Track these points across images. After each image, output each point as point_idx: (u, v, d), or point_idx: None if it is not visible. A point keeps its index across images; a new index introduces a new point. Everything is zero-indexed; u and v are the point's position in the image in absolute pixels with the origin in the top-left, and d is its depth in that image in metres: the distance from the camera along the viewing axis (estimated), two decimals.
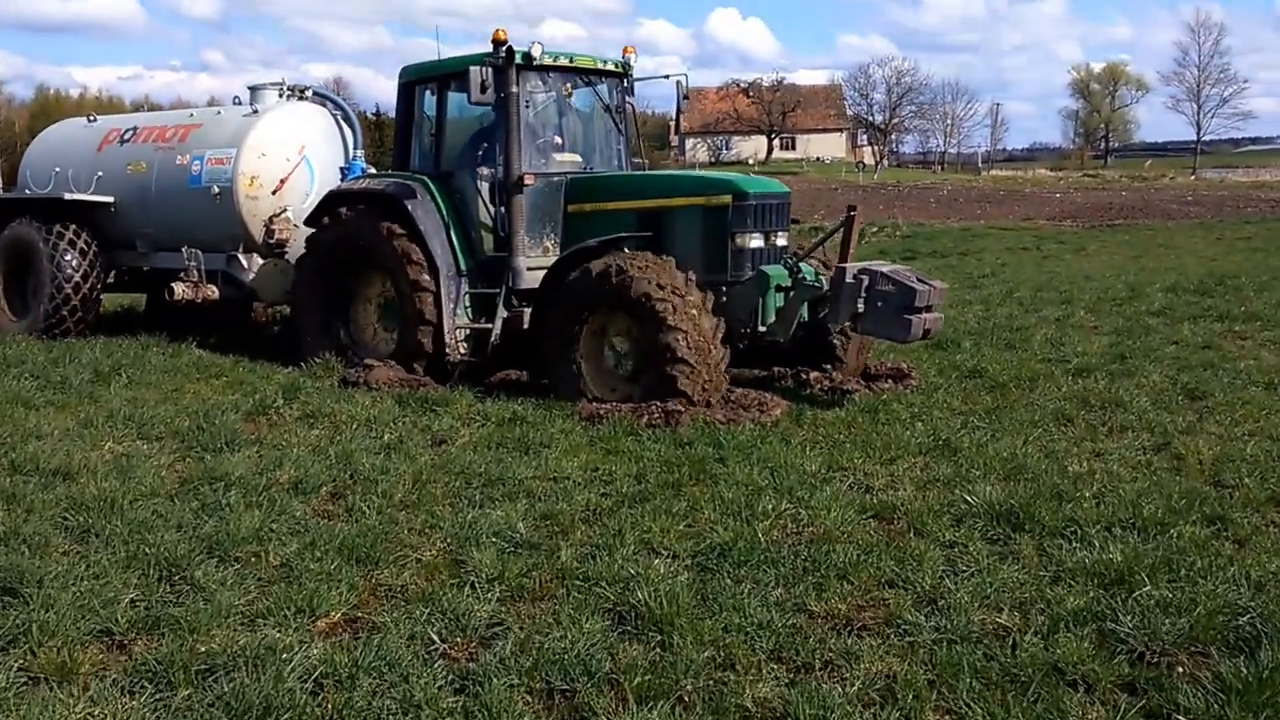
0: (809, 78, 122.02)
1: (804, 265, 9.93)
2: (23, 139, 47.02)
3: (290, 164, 13.30)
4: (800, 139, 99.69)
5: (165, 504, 6.86)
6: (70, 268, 13.74)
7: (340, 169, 13.46)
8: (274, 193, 13.14)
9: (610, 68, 11.57)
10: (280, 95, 14.08)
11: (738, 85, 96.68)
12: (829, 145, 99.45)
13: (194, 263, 13.24)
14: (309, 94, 14.43)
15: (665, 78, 12.32)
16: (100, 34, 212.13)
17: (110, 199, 14.03)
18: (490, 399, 9.80)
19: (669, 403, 9.02)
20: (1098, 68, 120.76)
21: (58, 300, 13.70)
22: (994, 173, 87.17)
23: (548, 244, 10.89)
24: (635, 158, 12.22)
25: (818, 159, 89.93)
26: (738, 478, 7.24)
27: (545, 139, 11.49)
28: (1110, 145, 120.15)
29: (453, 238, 10.87)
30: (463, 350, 10.74)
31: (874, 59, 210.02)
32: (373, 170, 13.48)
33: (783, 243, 10.31)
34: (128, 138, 14.40)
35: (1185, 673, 4.46)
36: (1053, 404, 9.37)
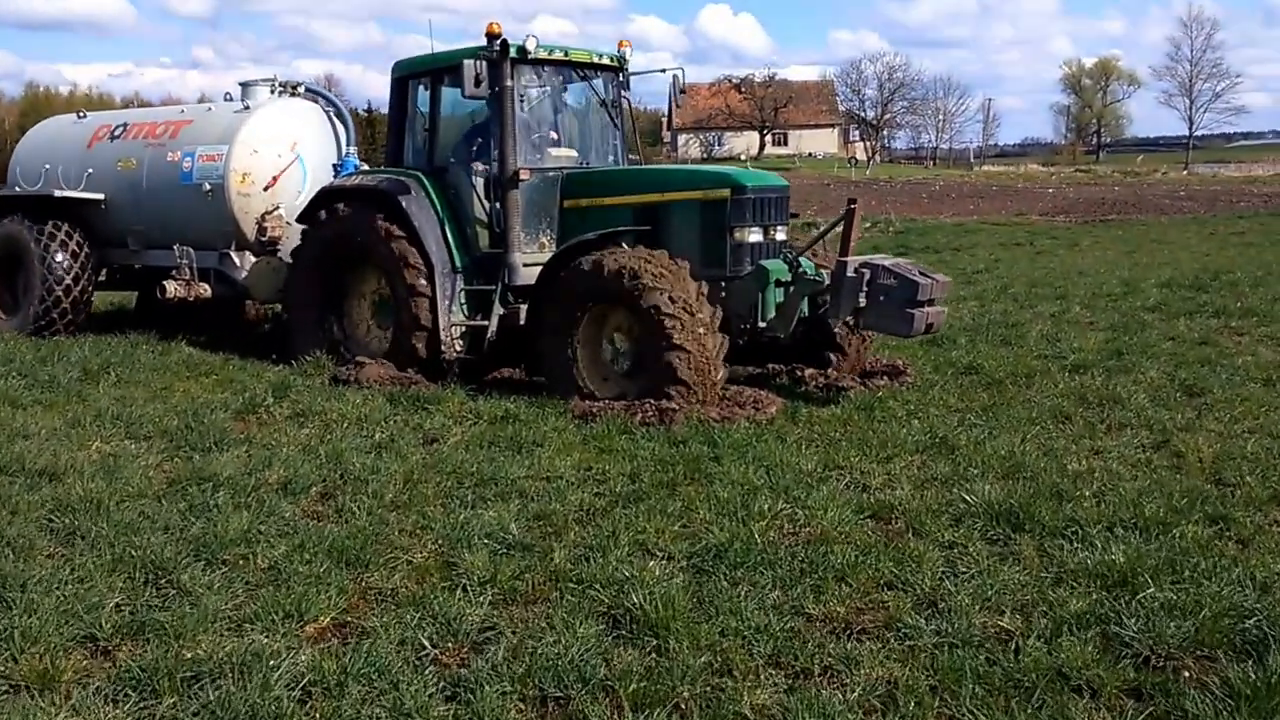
0: (801, 73, 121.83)
1: (804, 259, 9.84)
2: (12, 136, 46.75)
3: (282, 161, 13.17)
4: (792, 135, 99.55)
5: (152, 505, 6.75)
6: (61, 266, 13.59)
7: (333, 166, 13.37)
8: (266, 189, 13.02)
9: (606, 62, 11.47)
10: (272, 91, 13.93)
11: (730, 81, 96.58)
12: (821, 141, 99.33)
13: (186, 260, 13.10)
14: (301, 90, 14.28)
15: (661, 71, 12.35)
16: (91, 31, 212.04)
17: (100, 196, 13.90)
18: (482, 397, 9.70)
19: (663, 401, 8.92)
20: (1089, 63, 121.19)
21: (49, 299, 13.57)
22: (986, 168, 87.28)
23: (544, 240, 10.78)
24: (631, 153, 12.13)
25: (810, 155, 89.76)
26: (733, 477, 7.14)
27: (540, 134, 11.37)
28: (1102, 140, 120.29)
29: (447, 234, 10.75)
30: (458, 348, 10.63)
31: (865, 54, 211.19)
32: (366, 167, 13.35)
33: (782, 237, 10.20)
34: (118, 134, 14.25)
35: (1192, 678, 4.37)
36: (1050, 401, 9.28)
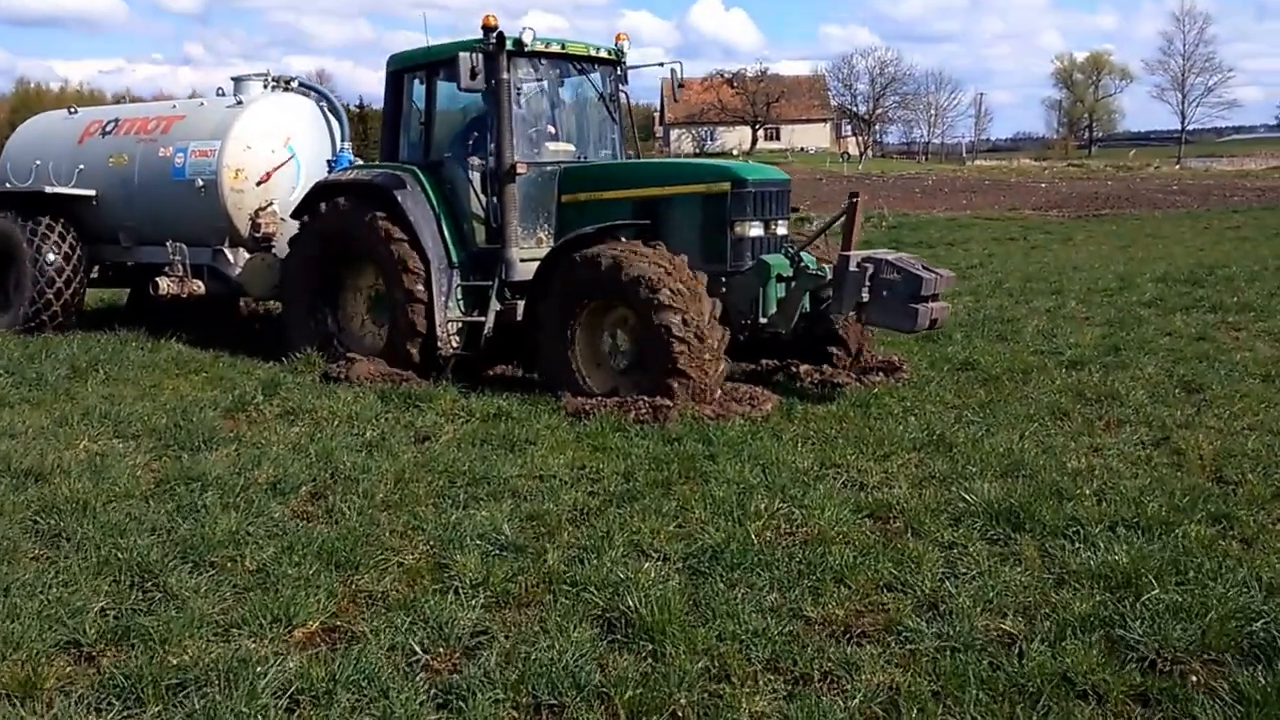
0: (792, 68, 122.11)
1: (805, 254, 9.74)
2: (3, 133, 46.49)
3: (276, 156, 13.03)
4: (784, 130, 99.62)
5: (140, 506, 6.64)
6: (52, 263, 13.47)
7: (327, 161, 13.22)
8: (260, 185, 12.87)
9: (603, 55, 11.34)
10: (265, 86, 13.78)
11: (722, 76, 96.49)
12: (813, 136, 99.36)
13: (179, 257, 12.97)
14: (294, 85, 14.14)
15: (660, 65, 12.23)
16: (82, 27, 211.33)
17: (92, 192, 13.75)
18: (474, 394, 9.59)
19: (664, 396, 8.80)
20: (1081, 57, 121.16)
21: (41, 297, 13.44)
22: (978, 162, 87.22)
23: (541, 235, 10.66)
24: (629, 148, 12.01)
25: (802, 150, 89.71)
26: (728, 475, 7.05)
27: (538, 127, 11.25)
28: (1094, 135, 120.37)
29: (443, 229, 10.61)
30: (455, 344, 10.50)
31: (857, 49, 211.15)
32: (360, 162, 13.22)
33: (783, 231, 10.09)
34: (109, 130, 14.08)
35: (1200, 682, 4.29)
36: (1047, 397, 9.20)
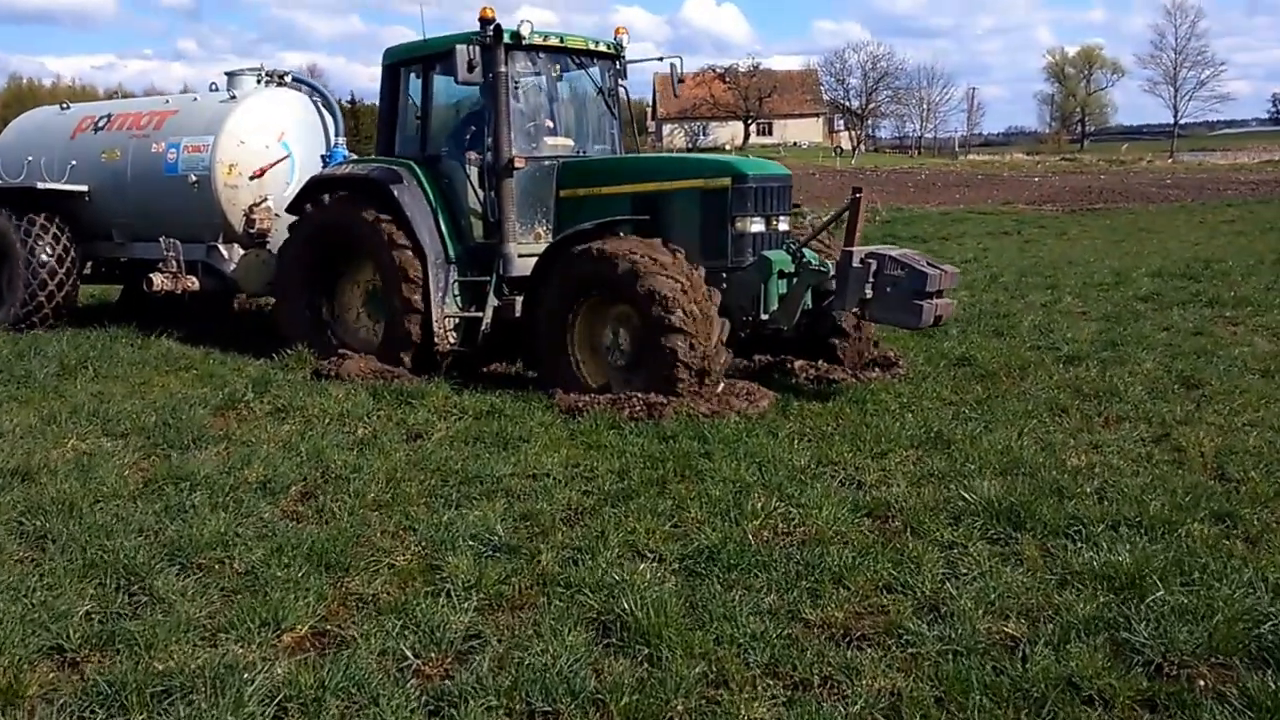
0: (784, 63, 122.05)
1: (808, 250, 9.63)
2: None
3: (270, 151, 12.89)
4: (777, 124, 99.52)
5: (127, 506, 6.53)
6: (45, 260, 13.34)
7: (321, 156, 13.09)
8: (253, 180, 12.74)
9: (602, 49, 11.22)
10: (259, 81, 13.65)
11: (714, 71, 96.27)
12: (806, 130, 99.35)
13: (172, 253, 12.83)
14: (288, 80, 13.99)
15: (659, 59, 12.17)
16: (74, 23, 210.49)
17: (84, 188, 13.62)
18: (467, 391, 9.49)
19: (665, 390, 8.69)
20: (1072, 51, 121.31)
21: (33, 299, 13.31)
22: (971, 157, 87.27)
23: (539, 230, 10.55)
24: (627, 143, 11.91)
25: (795, 144, 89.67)
26: (724, 474, 6.95)
27: (535, 121, 11.13)
28: (1086, 129, 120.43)
29: (440, 224, 10.48)
30: (452, 340, 10.38)
31: (849, 44, 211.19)
32: (354, 157, 13.10)
33: (784, 227, 9.97)
34: (101, 125, 13.94)
35: (1208, 687, 4.19)
36: (1045, 393, 9.12)
